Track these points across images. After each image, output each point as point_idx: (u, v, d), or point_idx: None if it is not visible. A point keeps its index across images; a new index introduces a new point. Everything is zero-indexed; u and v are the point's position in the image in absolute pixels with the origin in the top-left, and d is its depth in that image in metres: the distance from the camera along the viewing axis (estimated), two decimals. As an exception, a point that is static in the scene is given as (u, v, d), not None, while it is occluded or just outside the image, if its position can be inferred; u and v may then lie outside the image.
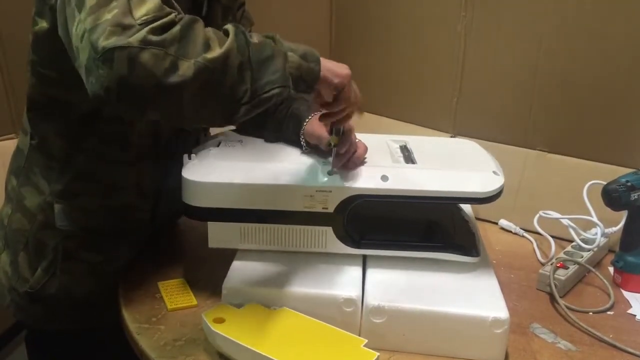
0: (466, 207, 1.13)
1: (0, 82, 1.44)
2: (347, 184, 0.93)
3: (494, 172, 0.97)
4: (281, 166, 0.96)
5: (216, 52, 0.71)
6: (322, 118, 0.91)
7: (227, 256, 0.97)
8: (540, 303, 1.03)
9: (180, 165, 0.96)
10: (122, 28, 0.68)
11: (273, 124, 1.06)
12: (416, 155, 1.02)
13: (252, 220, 0.95)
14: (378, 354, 0.80)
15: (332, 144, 0.93)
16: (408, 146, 1.07)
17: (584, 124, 1.19)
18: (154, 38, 0.68)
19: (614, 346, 0.91)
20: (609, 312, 1.01)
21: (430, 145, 1.11)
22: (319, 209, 0.93)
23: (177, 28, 0.70)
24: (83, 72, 0.71)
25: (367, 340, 0.82)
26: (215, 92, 0.72)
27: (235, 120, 0.76)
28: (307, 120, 1.01)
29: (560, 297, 1.01)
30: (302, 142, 1.02)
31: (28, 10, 0.92)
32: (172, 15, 0.71)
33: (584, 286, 1.09)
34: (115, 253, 1.05)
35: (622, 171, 1.10)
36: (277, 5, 1.59)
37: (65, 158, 0.97)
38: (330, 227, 0.94)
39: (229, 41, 0.73)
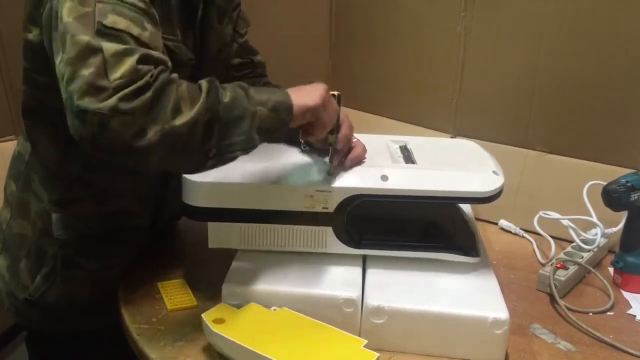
0: (466, 207, 1.13)
1: (0, 83, 1.43)
2: (347, 184, 0.93)
3: (494, 172, 0.97)
4: (281, 166, 0.96)
5: (185, 117, 0.73)
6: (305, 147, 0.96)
7: (227, 257, 0.97)
8: (540, 303, 1.03)
9: None
10: (96, 89, 0.69)
11: None
12: (416, 156, 1.02)
13: (252, 221, 0.95)
14: (378, 354, 0.80)
15: (330, 143, 0.93)
16: (408, 146, 1.07)
17: (584, 124, 1.19)
18: (125, 106, 0.69)
19: (614, 347, 0.91)
20: (609, 313, 1.01)
21: (430, 145, 1.11)
22: (319, 209, 0.93)
23: (149, 94, 0.70)
24: (64, 99, 0.72)
25: (367, 341, 0.82)
26: (181, 152, 0.75)
27: (202, 171, 0.82)
28: None
29: (560, 297, 1.01)
30: (300, 141, 1.02)
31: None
32: (148, 77, 0.71)
33: (584, 287, 1.09)
34: (114, 259, 1.04)
35: (622, 171, 1.10)
36: (277, 6, 1.59)
37: (61, 165, 0.97)
38: (331, 227, 0.94)
39: (200, 102, 0.74)
